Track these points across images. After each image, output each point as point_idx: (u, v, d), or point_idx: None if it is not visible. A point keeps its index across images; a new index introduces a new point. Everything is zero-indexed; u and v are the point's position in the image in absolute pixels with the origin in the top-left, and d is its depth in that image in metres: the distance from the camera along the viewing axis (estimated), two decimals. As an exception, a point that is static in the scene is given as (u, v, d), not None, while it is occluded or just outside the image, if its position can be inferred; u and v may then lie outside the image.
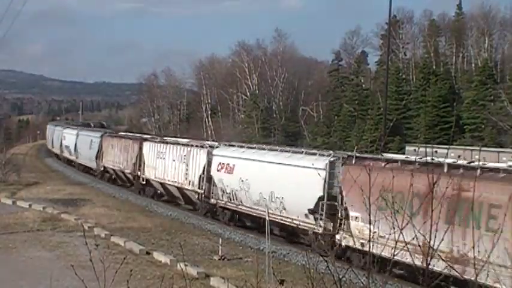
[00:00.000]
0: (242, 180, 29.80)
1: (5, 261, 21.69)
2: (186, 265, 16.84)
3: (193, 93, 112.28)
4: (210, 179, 33.19)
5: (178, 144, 39.36)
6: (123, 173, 47.58)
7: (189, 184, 35.74)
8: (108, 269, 6.74)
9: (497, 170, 18.27)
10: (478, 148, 51.75)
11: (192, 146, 36.90)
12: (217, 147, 34.55)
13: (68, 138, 66.11)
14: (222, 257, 23.47)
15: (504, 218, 15.86)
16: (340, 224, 22.76)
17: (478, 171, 18.06)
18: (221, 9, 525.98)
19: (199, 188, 34.49)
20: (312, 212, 24.56)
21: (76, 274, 6.57)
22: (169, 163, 38.40)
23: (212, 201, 33.10)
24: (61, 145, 69.47)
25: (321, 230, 23.92)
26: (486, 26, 76.86)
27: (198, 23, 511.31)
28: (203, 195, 34.11)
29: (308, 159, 25.93)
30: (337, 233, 22.76)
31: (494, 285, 15.46)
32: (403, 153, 54.04)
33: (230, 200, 31.46)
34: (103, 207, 35.53)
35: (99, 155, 53.11)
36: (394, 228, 6.06)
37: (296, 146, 53.45)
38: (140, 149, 43.27)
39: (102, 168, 52.38)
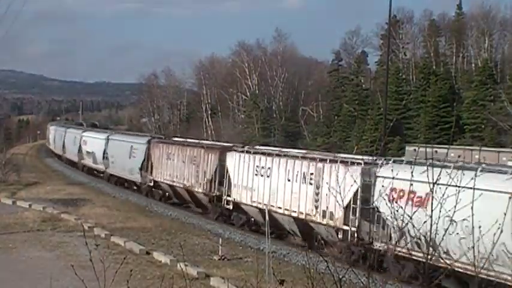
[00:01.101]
0: None
1: (5, 261, 21.69)
2: (186, 265, 16.82)
3: (193, 93, 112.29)
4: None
5: (294, 156, 27.91)
6: (188, 191, 36.77)
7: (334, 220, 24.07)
8: (108, 269, 6.74)
9: None
10: (478, 148, 51.80)
11: (323, 160, 25.59)
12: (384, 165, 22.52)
13: (91, 143, 56.38)
14: (222, 257, 23.47)
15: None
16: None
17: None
18: (221, 9, 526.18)
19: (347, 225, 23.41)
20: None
21: (76, 274, 6.57)
22: (280, 183, 27.39)
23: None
24: (80, 151, 59.64)
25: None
26: (486, 26, 76.84)
27: (198, 23, 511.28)
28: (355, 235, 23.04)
29: None
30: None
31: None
32: (403, 153, 54.09)
33: None
34: (103, 207, 35.54)
35: (145, 166, 42.49)
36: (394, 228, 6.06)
37: (296, 146, 53.50)
38: (221, 161, 32.76)
39: (150, 183, 41.68)
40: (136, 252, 22.69)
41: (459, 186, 7.57)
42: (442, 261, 6.35)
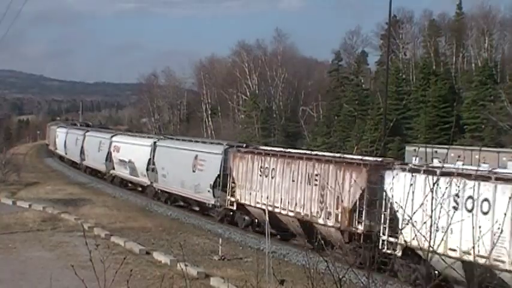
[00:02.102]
0: None
1: (5, 261, 21.70)
2: (186, 265, 16.83)
3: (193, 93, 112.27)
4: None
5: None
6: (303, 222, 26.61)
7: None
8: (108, 269, 6.74)
9: None
10: (478, 148, 51.78)
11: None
12: None
13: (128, 151, 46.31)
14: (222, 257, 23.49)
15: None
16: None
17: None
18: (221, 9, 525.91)
19: None
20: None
21: (76, 274, 6.57)
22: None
23: None
24: (108, 159, 50.34)
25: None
26: (486, 26, 76.80)
27: (198, 23, 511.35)
28: None
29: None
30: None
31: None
32: (403, 154, 54.12)
33: None
34: (103, 207, 35.58)
35: (220, 184, 32.65)
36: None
37: (296, 146, 53.52)
38: (370, 183, 22.91)
39: (231, 206, 31.80)
40: (136, 252, 22.71)
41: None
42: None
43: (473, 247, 14.50)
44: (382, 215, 21.71)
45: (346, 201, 23.49)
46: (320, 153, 30.15)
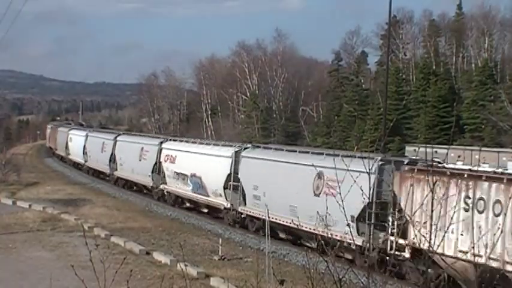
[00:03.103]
0: None
1: (5, 261, 21.70)
2: (186, 265, 16.83)
3: (193, 93, 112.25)
4: None
5: None
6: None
7: None
8: (108, 269, 6.74)
9: None
10: (478, 148, 51.80)
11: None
12: None
13: (190, 160, 36.11)
14: (222, 257, 23.49)
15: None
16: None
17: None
18: (221, 9, 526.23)
19: None
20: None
21: (76, 274, 6.57)
22: None
23: None
24: (156, 171, 40.11)
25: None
26: (486, 26, 76.81)
27: (199, 23, 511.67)
28: None
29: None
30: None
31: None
32: (403, 154, 54.06)
33: None
34: (103, 207, 35.56)
35: (373, 216, 22.24)
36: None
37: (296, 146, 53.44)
38: None
39: (403, 252, 20.83)
40: (136, 252, 22.70)
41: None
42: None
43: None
44: None
45: None
46: None
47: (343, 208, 6.65)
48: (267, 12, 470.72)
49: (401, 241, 20.32)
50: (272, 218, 24.78)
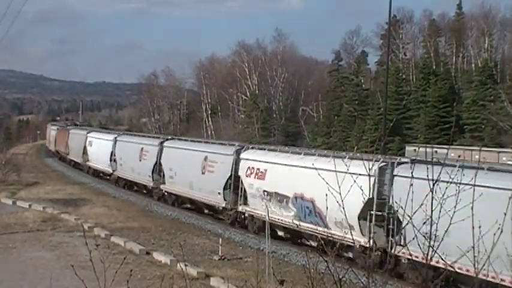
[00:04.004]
0: None
1: (5, 261, 21.70)
2: (186, 265, 16.85)
3: (193, 93, 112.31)
4: None
5: None
6: None
7: None
8: (108, 269, 6.73)
9: None
10: (478, 148, 51.83)
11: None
12: None
13: (293, 178, 26.29)
14: (222, 257, 23.49)
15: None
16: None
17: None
18: (221, 9, 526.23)
19: None
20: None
21: (76, 274, 6.56)
22: None
23: None
24: (230, 187, 31.02)
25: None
26: (486, 26, 76.84)
27: (198, 23, 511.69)
28: None
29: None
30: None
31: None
32: (403, 154, 54.10)
33: None
34: (103, 207, 35.57)
35: None
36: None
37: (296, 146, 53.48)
38: None
39: None
40: (136, 252, 22.71)
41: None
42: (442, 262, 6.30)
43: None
44: None
45: None
46: None
47: (343, 208, 6.67)
48: (267, 12, 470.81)
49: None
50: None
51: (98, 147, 53.11)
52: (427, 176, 6.26)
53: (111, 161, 48.78)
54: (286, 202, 26.73)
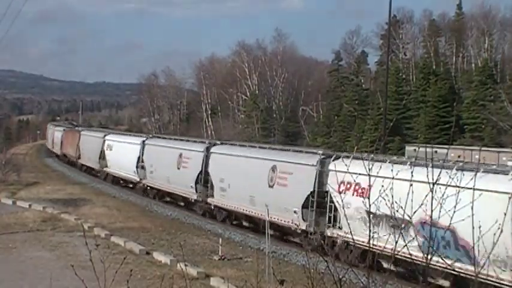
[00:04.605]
0: None
1: (5, 261, 21.70)
2: (186, 265, 16.84)
3: (193, 93, 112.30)
4: None
5: None
6: None
7: None
8: (108, 269, 6.73)
9: None
10: (478, 148, 51.81)
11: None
12: None
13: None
14: (222, 257, 23.49)
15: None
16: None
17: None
18: (222, 9, 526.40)
19: None
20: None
21: (76, 274, 6.56)
22: None
23: None
24: (312, 205, 25.26)
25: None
26: (486, 26, 76.81)
27: (198, 23, 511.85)
28: None
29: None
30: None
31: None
32: (403, 154, 54.11)
33: None
34: (103, 207, 35.57)
35: None
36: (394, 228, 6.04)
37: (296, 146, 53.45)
38: None
39: None
40: (136, 252, 22.71)
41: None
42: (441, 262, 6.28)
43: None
44: None
45: None
46: None
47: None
48: (267, 12, 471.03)
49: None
50: None
51: (121, 151, 46.98)
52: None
53: (137, 167, 43.00)
54: (407, 229, 20.63)
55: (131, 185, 45.63)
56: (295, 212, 25.63)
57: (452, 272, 17.13)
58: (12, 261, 21.69)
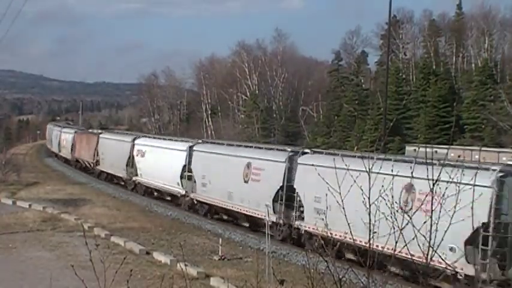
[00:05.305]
0: None
1: (5, 261, 21.70)
2: (186, 265, 16.85)
3: (193, 93, 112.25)
4: None
5: None
6: None
7: None
8: (108, 269, 6.74)
9: None
10: (478, 148, 51.80)
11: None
12: None
13: None
14: (222, 257, 23.49)
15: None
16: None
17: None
18: (222, 9, 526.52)
19: None
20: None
21: (76, 274, 6.57)
22: None
23: None
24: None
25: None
26: (486, 26, 76.79)
27: (199, 23, 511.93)
28: None
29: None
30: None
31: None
32: (403, 153, 54.12)
33: None
34: (103, 207, 35.56)
35: None
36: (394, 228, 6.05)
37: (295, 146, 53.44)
38: None
39: None
40: (136, 252, 22.71)
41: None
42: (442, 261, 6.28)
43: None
44: None
45: None
46: None
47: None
48: (267, 12, 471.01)
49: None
50: None
51: (158, 159, 40.62)
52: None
53: (182, 178, 36.58)
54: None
55: (169, 198, 40.18)
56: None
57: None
58: (12, 261, 21.69)
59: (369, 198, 6.10)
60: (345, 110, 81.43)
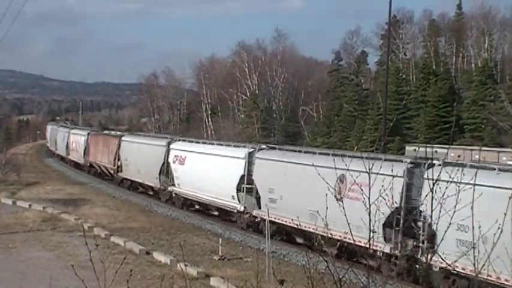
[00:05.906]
0: None
1: (5, 261, 21.70)
2: (186, 265, 16.84)
3: (193, 93, 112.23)
4: None
5: None
6: None
7: None
8: (108, 269, 6.74)
9: None
10: (478, 148, 51.79)
11: None
12: None
13: None
14: (222, 257, 23.49)
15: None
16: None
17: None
18: (222, 9, 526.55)
19: None
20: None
21: (76, 274, 6.57)
22: None
23: None
24: None
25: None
26: (486, 26, 76.78)
27: (198, 23, 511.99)
28: None
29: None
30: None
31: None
32: (403, 153, 54.12)
33: None
34: (103, 207, 35.57)
35: None
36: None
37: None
38: None
39: None
40: (136, 252, 22.71)
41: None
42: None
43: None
44: None
45: None
46: None
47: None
48: (267, 12, 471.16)
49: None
50: None
51: (204, 167, 35.04)
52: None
53: (239, 191, 31.15)
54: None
55: (215, 212, 35.05)
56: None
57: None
58: (12, 261, 21.69)
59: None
60: (345, 110, 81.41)
